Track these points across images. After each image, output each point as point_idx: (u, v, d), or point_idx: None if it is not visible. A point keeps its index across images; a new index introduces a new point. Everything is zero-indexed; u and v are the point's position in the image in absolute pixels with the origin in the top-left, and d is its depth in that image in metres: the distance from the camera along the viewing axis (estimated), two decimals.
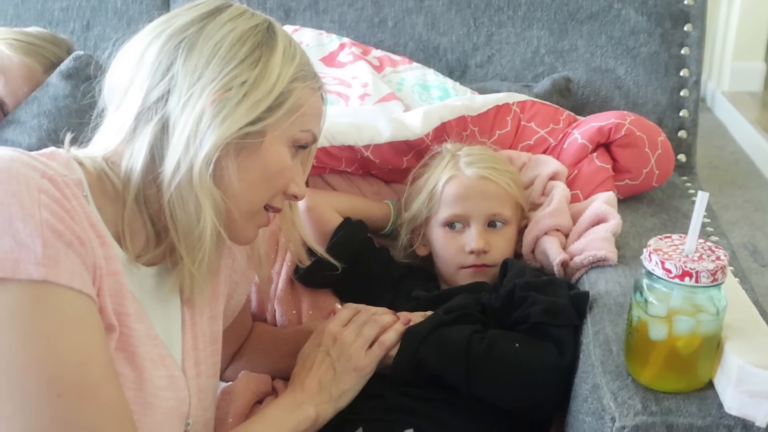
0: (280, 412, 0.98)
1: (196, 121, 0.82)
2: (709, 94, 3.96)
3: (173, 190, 0.83)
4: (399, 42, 1.62)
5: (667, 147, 1.36)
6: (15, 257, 0.69)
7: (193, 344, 0.94)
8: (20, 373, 0.69)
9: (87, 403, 0.72)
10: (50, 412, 0.70)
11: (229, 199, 0.86)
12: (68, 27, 1.71)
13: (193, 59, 0.84)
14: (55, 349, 0.71)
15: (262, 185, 0.89)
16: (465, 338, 1.00)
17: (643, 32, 1.55)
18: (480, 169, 1.20)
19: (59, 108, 1.37)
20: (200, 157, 0.82)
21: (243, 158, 0.86)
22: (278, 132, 0.88)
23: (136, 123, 0.84)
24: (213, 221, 0.84)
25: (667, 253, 0.82)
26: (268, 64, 0.87)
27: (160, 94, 0.84)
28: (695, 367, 0.84)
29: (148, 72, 0.85)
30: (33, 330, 0.70)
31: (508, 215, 1.20)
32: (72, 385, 0.71)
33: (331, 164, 1.27)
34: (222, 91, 0.83)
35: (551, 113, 1.37)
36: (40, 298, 0.71)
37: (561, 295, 1.04)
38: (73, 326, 0.72)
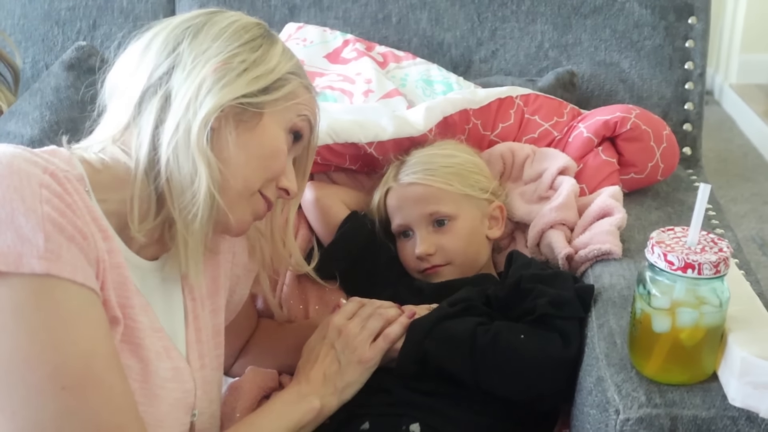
0: (285, 404, 0.98)
1: (198, 86, 0.86)
2: (716, 87, 3.94)
3: (171, 151, 0.85)
4: (403, 38, 1.62)
5: (672, 141, 1.36)
6: (18, 251, 0.70)
7: (196, 337, 0.96)
8: (24, 367, 0.70)
9: (91, 395, 0.73)
10: (55, 404, 0.71)
11: (227, 170, 0.87)
12: (75, 26, 1.72)
13: (199, 39, 0.89)
14: (59, 342, 0.72)
15: (259, 163, 0.91)
16: (470, 330, 1.01)
17: (647, 25, 1.55)
18: (409, 175, 1.21)
19: (61, 99, 1.38)
20: (198, 117, 0.85)
21: (241, 131, 0.89)
22: (275, 113, 0.92)
23: (141, 99, 0.87)
24: (208, 184, 0.85)
25: (670, 246, 0.82)
26: (268, 52, 0.92)
27: (165, 70, 0.87)
28: (699, 359, 0.84)
29: (154, 55, 0.89)
30: (36, 323, 0.71)
31: (449, 211, 1.19)
32: (76, 378, 0.72)
33: (335, 161, 1.28)
34: (224, 63, 0.88)
35: (555, 106, 1.37)
36: (43, 292, 0.72)
37: (566, 287, 1.04)
38: (76, 319, 0.73)
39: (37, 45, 1.73)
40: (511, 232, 1.30)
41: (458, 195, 1.20)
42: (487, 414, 1.01)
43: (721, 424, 0.80)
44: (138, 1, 1.69)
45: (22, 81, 1.60)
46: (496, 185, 1.25)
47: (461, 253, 1.19)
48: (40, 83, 1.44)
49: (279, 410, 0.98)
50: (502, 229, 1.24)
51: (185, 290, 0.96)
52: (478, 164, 1.25)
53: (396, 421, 1.00)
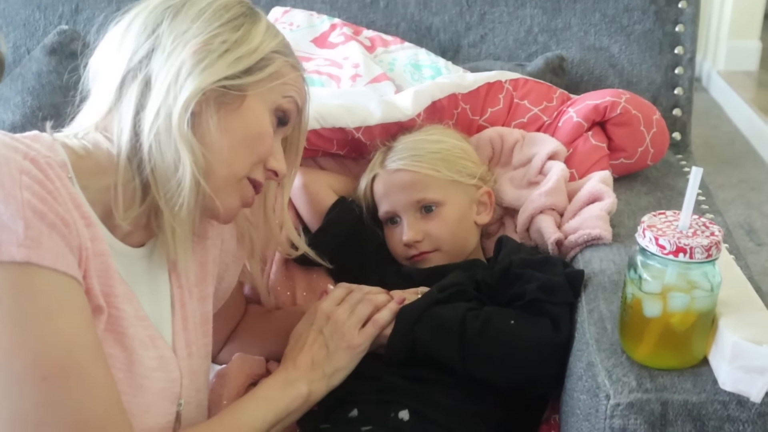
0: (272, 390, 0.97)
1: (177, 69, 0.84)
2: (704, 74, 3.95)
3: (152, 137, 0.83)
4: (391, 22, 1.61)
5: (662, 125, 1.35)
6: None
7: (183, 325, 0.94)
8: (4, 356, 0.69)
9: (73, 385, 0.71)
10: (36, 394, 0.70)
11: (211, 156, 0.86)
12: (57, 10, 1.69)
13: (179, 20, 0.87)
14: (40, 331, 0.70)
15: (243, 147, 0.89)
16: (459, 316, 1.00)
17: (636, 9, 1.54)
18: (395, 162, 1.20)
19: (43, 84, 1.37)
20: (179, 102, 0.83)
21: (224, 114, 0.87)
22: (260, 94, 0.90)
23: (122, 84, 0.85)
24: (192, 171, 0.83)
25: (661, 230, 0.82)
26: (251, 32, 0.90)
27: (144, 53, 0.86)
28: (690, 343, 0.84)
29: (133, 37, 0.87)
30: (16, 312, 0.70)
31: (436, 197, 1.18)
32: (57, 368, 0.71)
33: (322, 146, 1.26)
34: (204, 44, 0.86)
35: (544, 91, 1.36)
36: (23, 280, 0.70)
37: (556, 272, 1.03)
38: (57, 308, 0.72)
39: (18, 30, 1.70)
40: (500, 218, 1.29)
41: (445, 181, 1.19)
42: (477, 400, 1.01)
43: (712, 409, 0.80)
44: None
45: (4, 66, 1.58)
46: (484, 170, 1.24)
47: (449, 240, 1.18)
48: (21, 68, 1.42)
49: (266, 396, 0.96)
50: (490, 215, 1.23)
51: (172, 277, 0.95)
52: (466, 149, 1.24)
53: (385, 408, 0.99)
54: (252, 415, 0.93)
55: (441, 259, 1.17)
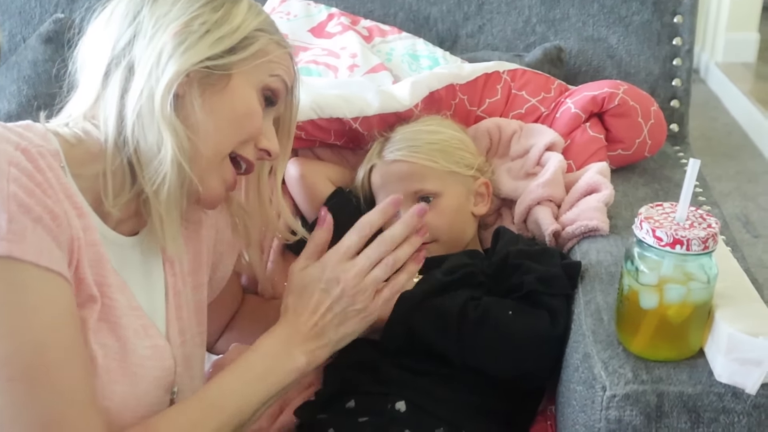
0: (267, 361, 0.91)
1: (159, 53, 0.84)
2: (702, 65, 3.95)
3: (135, 116, 0.83)
4: (389, 12, 1.60)
5: (660, 117, 1.35)
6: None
7: (177, 314, 0.94)
8: None
9: (41, 389, 0.70)
10: (3, 395, 0.69)
11: (197, 138, 0.85)
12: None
13: (159, 4, 0.87)
14: (12, 329, 0.69)
15: (231, 126, 0.88)
16: (458, 305, 1.00)
17: (635, 0, 1.53)
18: (392, 153, 1.19)
19: (38, 73, 1.36)
20: (161, 85, 0.83)
21: (208, 96, 0.86)
22: (244, 73, 0.89)
23: (106, 72, 0.85)
24: (174, 152, 0.82)
25: (658, 221, 0.82)
26: (231, 11, 0.89)
27: (127, 40, 0.85)
28: (686, 335, 0.84)
29: (116, 25, 0.86)
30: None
31: (433, 188, 1.17)
32: (25, 369, 0.69)
33: (320, 137, 1.26)
34: (184, 26, 0.85)
35: (542, 82, 1.36)
36: (2, 275, 0.69)
37: (554, 264, 1.03)
38: (34, 304, 0.71)
39: (14, 18, 1.69)
40: (497, 209, 1.29)
41: (443, 172, 1.18)
42: (474, 392, 1.01)
43: (707, 400, 0.80)
44: None
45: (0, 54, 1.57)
46: (481, 161, 1.24)
47: (447, 231, 1.17)
48: (17, 57, 1.42)
49: (259, 370, 0.90)
50: (488, 206, 1.23)
51: (166, 266, 0.94)
52: (464, 140, 1.24)
53: (382, 399, 1.00)
54: (240, 397, 0.88)
55: (438, 249, 1.17)
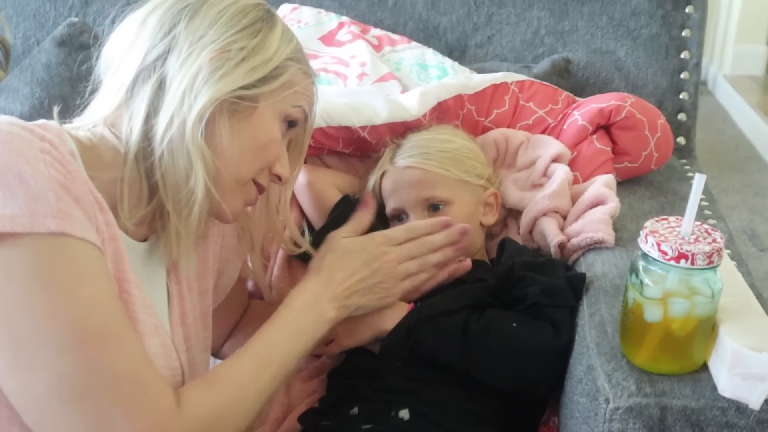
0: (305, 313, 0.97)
1: (193, 77, 0.84)
2: (710, 78, 3.95)
3: (165, 144, 0.84)
4: (399, 21, 1.61)
5: (667, 130, 1.35)
6: (31, 211, 0.71)
7: (181, 319, 0.95)
8: (45, 324, 0.71)
9: (112, 347, 0.74)
10: (78, 358, 0.72)
11: (220, 162, 0.86)
12: (67, 2, 1.70)
13: (196, 22, 0.86)
14: (76, 298, 0.73)
15: (252, 154, 0.90)
16: (462, 317, 1.00)
17: (644, 13, 1.54)
18: (405, 159, 1.20)
19: (52, 76, 1.37)
20: (194, 111, 0.83)
21: (235, 122, 0.87)
22: (271, 103, 0.90)
23: (134, 82, 0.85)
24: (204, 179, 0.84)
25: (664, 235, 0.82)
26: (267, 38, 0.89)
27: (159, 53, 0.85)
28: (690, 349, 0.84)
29: (149, 35, 0.86)
30: (53, 281, 0.72)
31: (444, 195, 1.18)
32: (96, 331, 0.73)
33: (328, 144, 1.27)
34: (221, 51, 0.85)
35: (550, 93, 1.36)
36: (58, 250, 0.72)
37: (558, 276, 1.04)
38: (89, 275, 0.74)
39: (28, 20, 1.70)
40: (503, 219, 1.29)
41: (454, 180, 1.19)
42: (477, 401, 1.01)
43: (711, 415, 0.80)
44: None
45: (12, 57, 1.58)
46: (491, 172, 1.25)
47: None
48: (30, 59, 1.43)
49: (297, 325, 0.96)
50: (496, 216, 1.24)
51: (170, 273, 0.95)
52: (475, 150, 1.25)
53: (385, 407, 1.00)
54: (284, 350, 0.94)
55: None
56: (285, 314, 0.97)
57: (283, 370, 0.92)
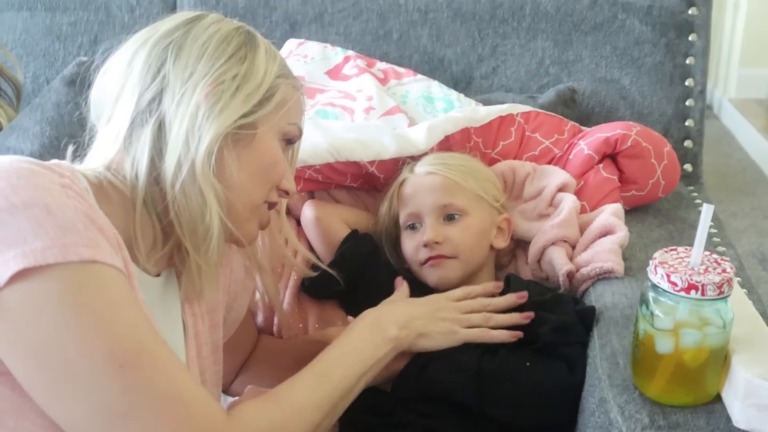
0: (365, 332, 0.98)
1: (193, 115, 0.84)
2: (715, 102, 3.95)
3: (177, 188, 0.84)
4: (404, 54, 1.63)
5: (673, 158, 1.36)
6: (62, 242, 0.72)
7: (197, 353, 0.95)
8: (81, 352, 0.72)
9: (148, 369, 0.74)
10: (116, 383, 0.72)
11: (231, 193, 0.87)
12: (76, 41, 1.72)
13: (183, 59, 0.86)
14: (110, 324, 0.73)
15: (260, 177, 0.91)
16: (476, 356, 1.00)
17: (647, 42, 1.55)
18: (427, 166, 1.21)
19: (62, 115, 1.38)
20: (201, 151, 0.84)
21: (240, 151, 0.88)
22: (269, 125, 0.91)
23: (131, 128, 0.86)
24: (219, 215, 0.85)
25: (673, 266, 0.82)
26: (255, 61, 0.90)
27: (152, 95, 0.85)
28: (703, 380, 0.84)
29: (138, 77, 0.86)
30: (84, 309, 0.72)
31: (462, 205, 1.18)
32: (131, 354, 0.73)
33: (336, 180, 1.28)
34: (215, 84, 0.86)
35: (556, 124, 1.37)
36: (89, 277, 0.73)
37: (567, 311, 1.04)
38: (120, 300, 0.75)
39: (38, 60, 1.73)
40: (512, 250, 1.29)
41: (472, 193, 1.20)
42: None
43: None
44: (139, 17, 1.70)
45: (22, 96, 1.61)
46: (505, 200, 1.26)
47: (468, 249, 1.17)
48: (40, 98, 1.44)
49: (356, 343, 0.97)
50: (507, 242, 1.24)
51: (185, 306, 0.95)
52: (491, 176, 1.27)
53: None
54: (342, 367, 0.93)
55: (456, 269, 1.16)
56: (345, 335, 0.98)
57: (341, 388, 0.92)
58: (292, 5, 1.64)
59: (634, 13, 1.55)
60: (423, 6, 1.61)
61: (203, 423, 0.77)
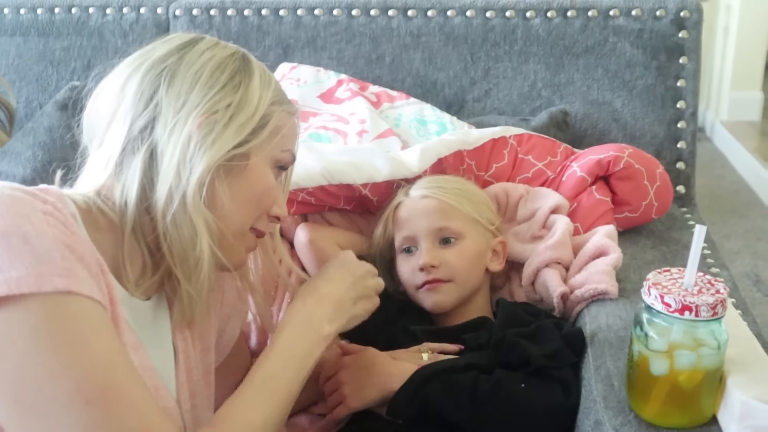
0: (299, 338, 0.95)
1: (185, 145, 0.83)
2: (708, 124, 3.98)
3: (168, 219, 0.83)
4: (397, 78, 1.63)
5: (666, 179, 1.36)
6: (38, 271, 0.71)
7: (187, 377, 0.94)
8: (49, 385, 0.71)
9: (116, 406, 0.73)
10: (82, 420, 0.71)
11: (221, 222, 0.86)
12: (69, 66, 1.73)
13: (176, 86, 0.85)
14: (80, 357, 0.72)
15: (250, 206, 0.90)
16: (471, 377, 1.00)
17: (638, 65, 1.56)
18: (422, 190, 1.21)
19: (54, 139, 1.39)
20: (192, 182, 0.83)
21: (232, 180, 0.87)
22: (262, 153, 0.90)
23: (123, 155, 0.85)
24: (209, 245, 0.84)
25: (666, 287, 0.82)
26: (249, 89, 0.89)
27: (144, 123, 0.84)
28: (698, 402, 0.83)
29: (130, 103, 0.85)
30: (56, 342, 0.71)
31: (457, 229, 1.19)
32: (99, 391, 0.72)
33: (329, 202, 1.27)
34: (207, 114, 0.85)
35: (548, 146, 1.38)
36: (62, 309, 0.72)
37: (551, 339, 1.04)
38: (94, 333, 0.74)
39: (31, 85, 1.73)
40: (506, 272, 1.29)
41: (467, 217, 1.20)
42: None
43: None
44: (132, 42, 1.71)
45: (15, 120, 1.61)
46: (500, 222, 1.26)
47: (464, 273, 1.17)
48: (33, 123, 1.44)
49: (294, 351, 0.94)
50: (502, 265, 1.24)
51: (176, 331, 0.95)
52: (486, 199, 1.27)
53: None
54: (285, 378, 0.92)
55: (451, 293, 1.16)
56: (278, 341, 0.94)
57: (287, 400, 0.91)
58: (285, 29, 1.65)
59: (625, 36, 1.56)
60: (415, 30, 1.62)
61: None
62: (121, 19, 1.71)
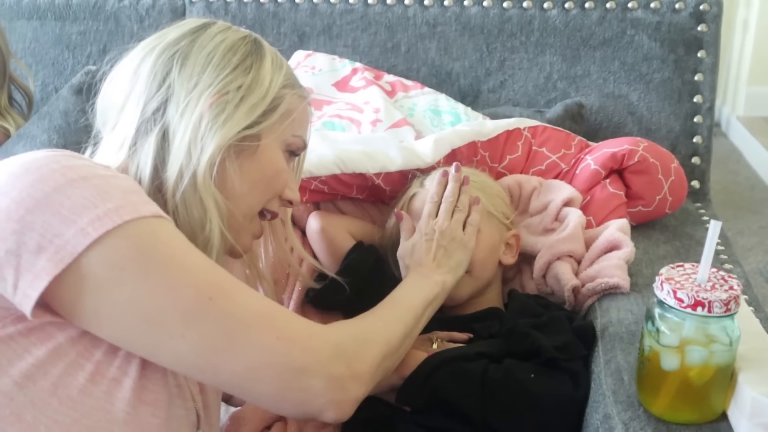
0: (413, 285, 1.04)
1: (196, 125, 0.85)
2: (723, 119, 3.95)
3: (178, 198, 0.85)
4: (412, 67, 1.63)
5: (681, 174, 1.35)
6: (130, 200, 0.75)
7: None
8: (171, 295, 0.74)
9: (235, 293, 0.79)
10: (211, 314, 0.75)
11: (232, 203, 0.88)
12: (85, 51, 1.74)
13: (188, 68, 0.87)
14: (187, 266, 0.77)
15: (261, 188, 0.91)
16: (481, 366, 1.00)
17: (656, 58, 1.55)
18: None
19: (69, 123, 1.39)
20: (203, 161, 0.85)
21: (243, 161, 0.89)
22: (273, 136, 0.91)
23: (136, 136, 0.87)
24: (219, 225, 0.86)
25: (679, 282, 0.81)
26: (260, 71, 0.90)
27: (157, 104, 0.86)
28: (708, 398, 0.83)
29: (143, 85, 0.87)
30: (164, 256, 0.76)
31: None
32: (216, 286, 0.77)
33: (342, 191, 1.27)
34: (219, 95, 0.86)
35: (563, 138, 1.37)
36: (158, 229, 0.76)
37: (562, 331, 1.03)
38: (186, 245, 0.79)
39: (47, 68, 1.74)
40: (517, 264, 1.29)
41: (482, 210, 1.19)
42: None
43: None
44: (149, 27, 1.71)
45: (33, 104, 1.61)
46: (514, 216, 1.25)
47: (479, 263, 1.17)
48: (48, 106, 1.45)
49: (410, 289, 1.03)
50: (515, 258, 1.24)
51: None
52: (501, 192, 1.27)
53: None
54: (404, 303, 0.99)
55: (467, 284, 1.16)
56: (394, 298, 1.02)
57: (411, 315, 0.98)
58: (300, 17, 1.65)
59: (643, 29, 1.55)
60: (431, 19, 1.62)
61: (299, 324, 0.81)
62: (138, 3, 1.71)
